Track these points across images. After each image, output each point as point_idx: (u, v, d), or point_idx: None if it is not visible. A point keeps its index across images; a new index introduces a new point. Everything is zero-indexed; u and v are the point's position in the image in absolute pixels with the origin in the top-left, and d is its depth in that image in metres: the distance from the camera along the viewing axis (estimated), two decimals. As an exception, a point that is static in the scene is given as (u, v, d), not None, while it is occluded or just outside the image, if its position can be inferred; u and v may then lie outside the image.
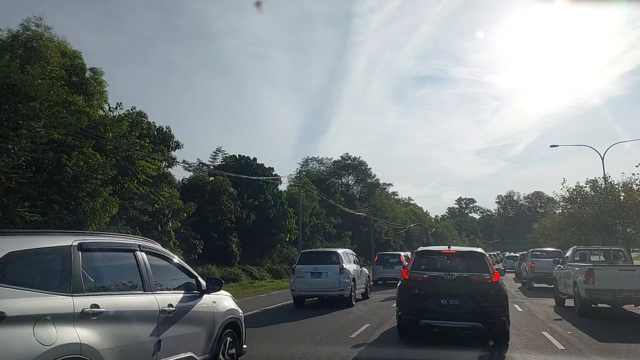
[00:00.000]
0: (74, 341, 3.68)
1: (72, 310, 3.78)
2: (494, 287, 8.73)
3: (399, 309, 9.26)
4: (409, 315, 8.99)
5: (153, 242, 5.50)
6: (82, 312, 3.85)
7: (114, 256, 4.78)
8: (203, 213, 27.91)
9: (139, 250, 4.95)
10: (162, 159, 21.00)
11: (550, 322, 11.96)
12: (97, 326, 3.95)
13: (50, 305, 3.64)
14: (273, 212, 35.43)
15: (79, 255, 4.07)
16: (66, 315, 3.73)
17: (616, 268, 13.34)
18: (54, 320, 3.59)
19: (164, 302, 4.92)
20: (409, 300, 8.99)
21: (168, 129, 23.34)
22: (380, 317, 12.86)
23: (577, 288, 13.18)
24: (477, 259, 9.37)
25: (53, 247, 3.98)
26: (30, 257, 3.78)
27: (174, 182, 23.73)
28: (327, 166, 70.03)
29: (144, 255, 4.98)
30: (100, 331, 3.97)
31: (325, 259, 16.00)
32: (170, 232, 21.20)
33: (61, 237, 4.19)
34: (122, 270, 4.80)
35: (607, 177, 27.68)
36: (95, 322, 3.94)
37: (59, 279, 3.88)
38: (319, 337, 9.72)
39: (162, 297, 4.96)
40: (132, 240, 5.13)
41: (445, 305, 8.60)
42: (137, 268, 4.82)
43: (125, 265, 4.82)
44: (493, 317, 8.51)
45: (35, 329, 3.43)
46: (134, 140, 18.95)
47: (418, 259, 9.60)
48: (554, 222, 38.58)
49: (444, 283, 8.75)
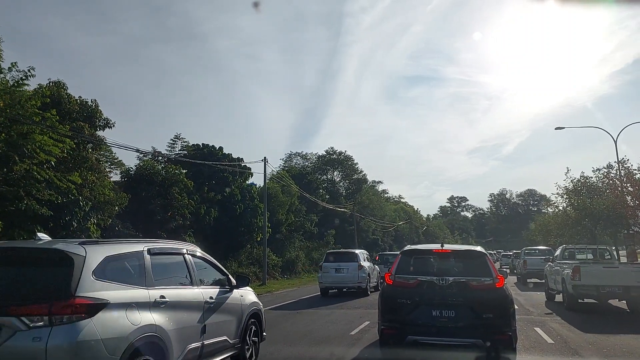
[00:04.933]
0: (151, 322, 4.86)
1: (148, 300, 4.98)
2: (498, 294, 7.15)
3: (380, 321, 7.65)
4: (393, 329, 7.37)
5: (194, 246, 6.87)
6: (154, 301, 5.04)
7: (170, 258, 5.93)
8: (150, 208, 23.67)
9: (186, 254, 6.21)
10: (78, 136, 16.65)
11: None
12: (164, 312, 5.13)
13: (134, 295, 4.83)
14: (240, 208, 31.19)
15: (148, 258, 5.32)
16: (145, 303, 4.91)
17: (601, 265, 14.38)
18: (137, 306, 4.78)
19: (206, 295, 6.16)
20: (392, 311, 7.43)
21: (94, 104, 19.00)
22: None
23: (565, 284, 14.12)
24: (477, 259, 7.67)
25: (132, 251, 5.22)
26: (119, 260, 4.95)
27: (102, 169, 19.40)
28: (311, 162, 65.67)
29: (190, 257, 6.25)
30: (166, 316, 5.14)
31: (346, 258, 19.48)
32: (90, 229, 16.89)
33: (136, 243, 5.48)
34: (176, 269, 5.95)
35: (624, 161, 23.79)
36: (163, 308, 5.12)
37: (138, 275, 5.08)
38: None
39: (204, 291, 6.19)
40: (181, 246, 6.38)
41: (437, 317, 7.06)
42: (186, 267, 6.06)
43: (178, 265, 6.01)
44: (497, 331, 6.92)
45: (127, 313, 4.63)
46: (33, 111, 14.67)
47: (404, 260, 7.93)
48: (555, 218, 35.01)
49: (436, 290, 7.21)
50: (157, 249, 5.60)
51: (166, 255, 5.84)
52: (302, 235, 43.93)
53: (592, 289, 13.22)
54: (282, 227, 38.78)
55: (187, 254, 6.21)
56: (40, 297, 4.18)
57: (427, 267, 7.77)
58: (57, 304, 4.11)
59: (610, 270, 13.66)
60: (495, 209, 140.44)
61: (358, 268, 18.92)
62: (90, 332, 4.19)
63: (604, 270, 13.60)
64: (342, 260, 19.32)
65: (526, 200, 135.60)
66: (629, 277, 12.97)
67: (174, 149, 31.59)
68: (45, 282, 4.38)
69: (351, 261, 19.14)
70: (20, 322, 4.02)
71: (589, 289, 13.28)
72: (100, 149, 20.58)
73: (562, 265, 15.13)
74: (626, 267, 14.47)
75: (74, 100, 18.46)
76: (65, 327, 4.08)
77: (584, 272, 13.33)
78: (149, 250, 5.38)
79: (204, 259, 6.68)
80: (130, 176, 24.69)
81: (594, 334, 9.97)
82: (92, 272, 4.49)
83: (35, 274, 4.49)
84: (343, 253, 20.80)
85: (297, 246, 41.10)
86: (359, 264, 19.02)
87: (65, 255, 4.45)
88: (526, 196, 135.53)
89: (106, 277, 4.61)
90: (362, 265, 19.14)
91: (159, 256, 5.56)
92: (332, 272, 19.11)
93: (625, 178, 23.84)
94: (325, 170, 64.73)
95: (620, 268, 13.98)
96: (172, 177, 24.82)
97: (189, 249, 6.40)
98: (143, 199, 23.82)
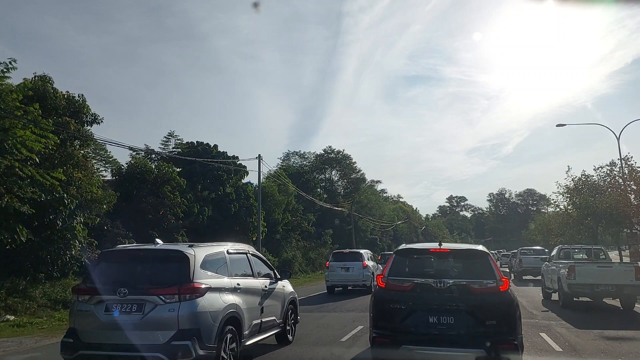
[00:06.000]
0: (234, 302, 6.75)
1: (230, 286, 6.87)
2: (502, 298, 6.45)
3: (372, 329, 6.94)
4: (385, 338, 6.63)
5: (252, 247, 8.96)
6: (234, 287, 6.93)
7: (239, 256, 7.78)
8: (142, 206, 23.04)
9: (248, 253, 8.15)
10: (63, 131, 16.01)
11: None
12: (239, 295, 6.99)
13: (222, 282, 6.73)
14: (235, 207, 30.59)
15: (228, 256, 7.28)
16: (229, 288, 6.80)
17: (595, 265, 14.67)
18: (225, 290, 6.68)
19: (263, 284, 8.04)
20: (385, 318, 6.71)
21: (82, 98, 18.32)
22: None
23: (561, 283, 14.60)
24: (479, 259, 6.95)
25: (218, 251, 7.15)
26: (212, 257, 6.84)
27: (90, 166, 18.74)
28: (309, 161, 64.91)
29: (251, 255, 8.18)
30: (241, 298, 7.00)
31: (352, 257, 20.51)
32: (76, 228, 16.27)
33: (219, 246, 7.40)
34: (243, 264, 7.79)
35: (627, 158, 23.18)
36: (239, 293, 7.00)
37: (223, 268, 6.97)
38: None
39: (261, 281, 8.09)
40: (245, 247, 8.29)
41: (434, 324, 6.38)
42: (248, 263, 7.95)
43: (244, 261, 7.88)
44: (501, 340, 6.21)
45: (220, 295, 6.51)
46: (14, 105, 14.07)
47: (399, 260, 7.21)
48: (556, 217, 34.46)
49: (433, 294, 6.52)
50: (232, 250, 7.60)
51: (237, 255, 7.72)
52: (299, 235, 43.29)
53: (586, 287, 13.71)
54: (278, 227, 38.16)
55: (249, 253, 8.18)
56: (170, 282, 6.11)
57: (423, 268, 7.04)
58: (183, 287, 6.04)
59: (604, 269, 14.07)
60: (495, 208, 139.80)
61: (363, 267, 19.94)
62: (202, 306, 6.09)
63: (598, 270, 13.97)
64: (347, 259, 20.40)
65: (525, 200, 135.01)
66: (621, 276, 13.51)
67: (168, 146, 30.98)
68: (172, 272, 6.31)
69: (356, 260, 20.19)
70: (159, 299, 5.96)
71: (583, 288, 13.77)
72: (88, 145, 19.91)
73: (558, 264, 15.53)
74: (619, 266, 14.89)
75: (60, 95, 17.78)
76: (188, 302, 6.00)
77: (579, 272, 13.80)
78: (227, 250, 7.39)
79: (258, 257, 8.61)
80: (122, 174, 24.04)
81: (603, 340, 9.44)
82: (199, 265, 6.41)
83: (165, 267, 6.49)
84: (349, 253, 21.75)
85: (294, 246, 40.44)
86: (363, 263, 20.06)
87: (183, 254, 6.38)
88: (525, 196, 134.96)
89: (207, 269, 6.55)
90: (366, 265, 20.14)
91: (233, 255, 7.52)
92: (339, 270, 20.13)
93: (628, 176, 23.26)
94: (323, 169, 64.00)
95: (614, 267, 14.42)
96: (165, 175, 24.19)
97: (249, 249, 8.37)
98: (134, 197, 23.22)
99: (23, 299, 14.17)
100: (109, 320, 5.96)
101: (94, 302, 6.12)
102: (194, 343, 5.84)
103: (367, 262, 20.41)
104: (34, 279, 15.43)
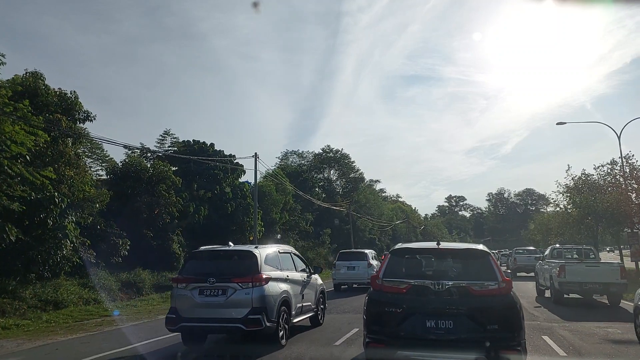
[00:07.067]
0: (285, 289, 9.08)
1: (283, 277, 9.19)
2: (505, 301, 6.13)
3: (366, 333, 6.57)
4: (379, 343, 6.29)
5: (293, 248, 11.58)
6: (285, 278, 9.24)
7: (285, 255, 10.19)
8: (136, 205, 22.68)
9: (292, 253, 10.71)
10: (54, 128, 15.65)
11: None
12: (288, 284, 9.32)
13: (277, 274, 9.02)
14: (232, 206, 30.21)
15: (279, 254, 9.72)
16: (282, 278, 9.12)
17: (584, 264, 15.53)
18: (279, 280, 8.99)
19: (302, 276, 10.41)
20: (379, 322, 6.35)
21: (74, 95, 17.97)
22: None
23: (553, 281, 15.54)
24: (479, 260, 6.59)
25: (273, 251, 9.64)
26: (270, 255, 9.19)
27: (82, 164, 18.38)
28: (307, 160, 64.52)
29: (293, 254, 10.69)
30: (290, 287, 9.33)
31: (357, 257, 21.67)
32: (67, 227, 15.91)
33: (273, 247, 9.99)
34: (288, 261, 10.11)
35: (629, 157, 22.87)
36: (288, 282, 9.33)
37: (277, 264, 9.33)
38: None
39: (301, 274, 10.38)
40: (289, 248, 11.07)
41: (432, 328, 6.03)
42: (292, 260, 10.35)
43: (289, 258, 10.23)
44: (503, 346, 5.89)
45: (277, 283, 8.82)
46: (3, 101, 13.73)
47: (394, 260, 6.85)
48: (556, 216, 34.18)
49: (430, 296, 6.18)
50: (282, 250, 10.13)
51: (285, 254, 10.12)
52: (297, 235, 42.95)
53: (575, 285, 14.71)
54: (276, 226, 37.81)
55: (292, 253, 10.70)
56: (245, 273, 8.39)
57: (420, 269, 6.65)
58: (254, 277, 8.35)
59: (592, 268, 14.95)
60: (494, 208, 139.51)
61: (367, 266, 20.70)
62: (267, 291, 8.40)
63: (587, 269, 14.87)
64: (353, 259, 21.43)
65: (524, 200, 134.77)
66: (608, 274, 14.49)
67: (164, 144, 30.60)
68: (246, 266, 8.53)
69: (361, 260, 21.13)
70: (238, 285, 8.26)
71: (573, 285, 14.76)
72: (81, 143, 19.56)
73: (551, 263, 16.42)
74: (606, 265, 15.58)
75: (52, 92, 17.46)
76: (258, 288, 8.29)
77: (569, 270, 14.70)
78: (279, 250, 9.88)
79: (298, 256, 10.96)
80: (117, 173, 23.68)
81: (609, 343, 9.15)
82: (264, 261, 8.73)
83: (240, 262, 8.72)
84: (354, 252, 22.88)
85: (292, 245, 40.08)
86: (368, 262, 20.92)
87: (252, 253, 8.77)
88: (524, 195, 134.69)
89: (268, 264, 8.85)
90: (371, 264, 20.86)
91: (282, 254, 9.92)
92: (344, 269, 21.10)
93: (629, 175, 22.97)
94: (321, 168, 63.61)
95: (601, 267, 15.19)
96: (160, 174, 23.82)
97: (292, 250, 10.96)
98: (129, 196, 22.85)
99: (13, 300, 13.83)
100: (202, 301, 8.26)
101: (190, 288, 8.41)
102: (263, 317, 8.12)
103: (372, 262, 21.14)
104: (24, 279, 15.10)
